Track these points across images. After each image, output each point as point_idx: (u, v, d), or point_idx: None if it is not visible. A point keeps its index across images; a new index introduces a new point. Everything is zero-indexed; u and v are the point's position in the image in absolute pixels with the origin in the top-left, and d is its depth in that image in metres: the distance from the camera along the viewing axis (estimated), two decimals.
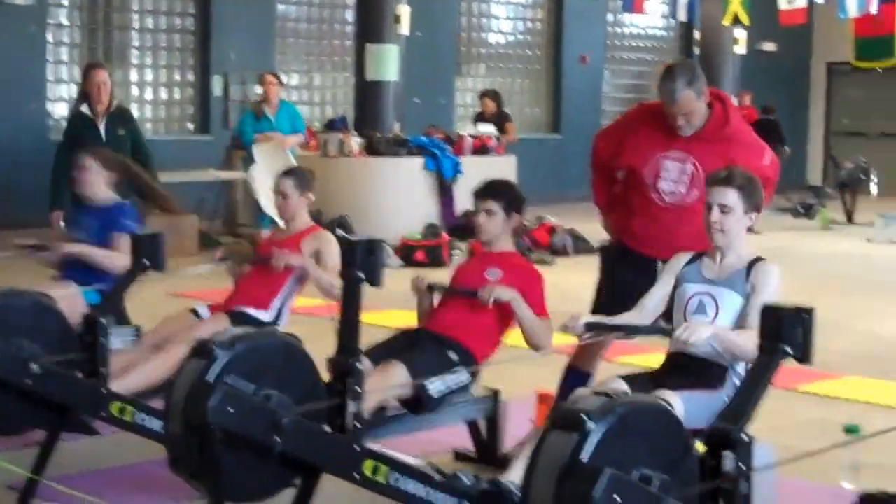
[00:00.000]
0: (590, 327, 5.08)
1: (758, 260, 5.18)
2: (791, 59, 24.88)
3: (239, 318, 6.29)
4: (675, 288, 5.28)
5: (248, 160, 13.49)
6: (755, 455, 5.02)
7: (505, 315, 5.87)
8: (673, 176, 6.00)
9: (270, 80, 13.47)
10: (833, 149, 24.45)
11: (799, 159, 24.64)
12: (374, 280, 4.88)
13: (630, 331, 5.28)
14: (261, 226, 13.36)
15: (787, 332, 3.81)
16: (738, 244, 5.18)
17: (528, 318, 5.76)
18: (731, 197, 5.09)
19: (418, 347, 5.77)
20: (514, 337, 6.03)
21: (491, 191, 6.12)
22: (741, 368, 5.00)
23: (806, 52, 25.55)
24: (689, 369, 5.05)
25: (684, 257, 5.35)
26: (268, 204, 13.00)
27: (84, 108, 9.67)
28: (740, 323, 5.02)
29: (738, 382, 4.96)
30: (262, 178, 12.82)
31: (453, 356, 5.75)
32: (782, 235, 17.19)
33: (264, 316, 6.47)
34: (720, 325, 4.99)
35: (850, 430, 6.82)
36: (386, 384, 5.50)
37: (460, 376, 5.67)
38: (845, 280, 13.26)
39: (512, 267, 6.03)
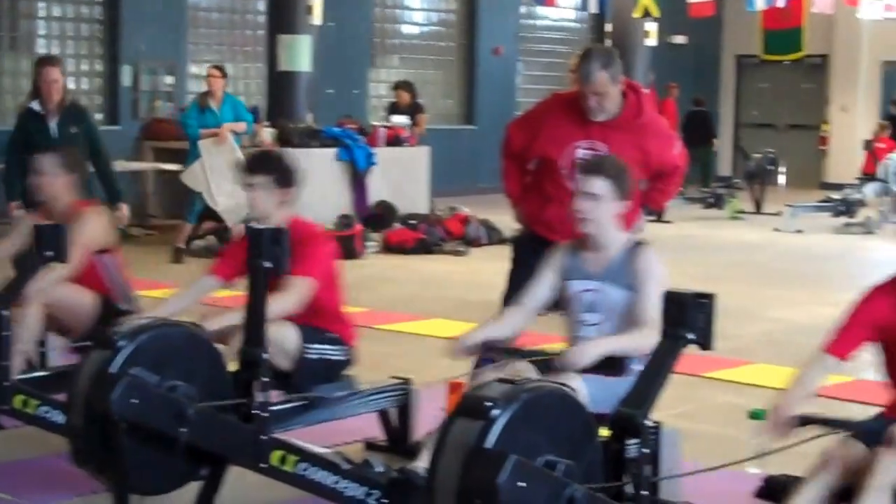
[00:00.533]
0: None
1: (635, 246, 5.10)
2: (701, 52, 25.09)
3: None
4: (562, 281, 5.18)
5: (193, 154, 13.19)
6: (662, 440, 5.11)
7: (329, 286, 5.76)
8: None
9: (213, 73, 13.21)
10: (742, 140, 24.70)
11: (711, 152, 24.89)
12: (280, 269, 4.86)
13: (515, 354, 4.95)
14: (192, 220, 13.21)
15: (689, 318, 3.84)
16: (611, 232, 5.08)
17: None
18: (599, 185, 5.00)
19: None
20: (428, 327, 6.04)
21: (259, 164, 5.82)
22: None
23: (715, 45, 25.77)
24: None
25: (561, 252, 5.25)
26: (214, 199, 12.91)
27: (34, 105, 9.26)
28: (628, 317, 4.97)
29: (638, 367, 4.99)
30: (209, 173, 12.83)
31: (331, 335, 5.74)
32: (692, 225, 17.38)
33: None
34: (607, 341, 4.88)
35: (756, 415, 6.90)
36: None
37: (339, 353, 5.71)
38: (754, 269, 13.42)
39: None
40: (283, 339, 5.45)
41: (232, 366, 5.04)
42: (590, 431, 3.94)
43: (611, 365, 4.82)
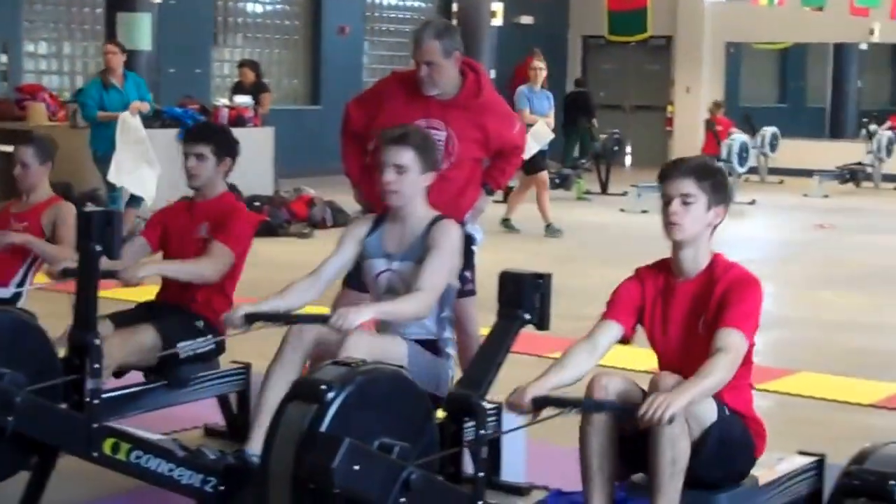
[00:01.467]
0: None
1: (437, 220, 5.00)
2: (548, 32, 25.24)
3: None
4: (362, 259, 5.10)
5: (96, 136, 12.57)
6: (504, 420, 5.10)
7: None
8: None
9: (111, 49, 12.72)
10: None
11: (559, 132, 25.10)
12: (111, 252, 4.74)
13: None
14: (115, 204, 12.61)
15: (525, 298, 3.82)
16: (416, 206, 5.00)
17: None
18: (407, 156, 4.92)
19: (163, 314, 5.62)
20: None
21: (200, 134, 5.93)
22: (449, 333, 4.99)
23: (562, 26, 25.97)
24: None
25: (364, 224, 5.16)
26: (116, 175, 12.28)
27: None
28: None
29: (452, 352, 4.96)
30: (117, 148, 12.23)
31: (199, 324, 5.63)
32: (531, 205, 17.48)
33: (3, 293, 6.23)
34: (377, 306, 4.82)
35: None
36: (132, 345, 5.34)
37: (206, 343, 5.57)
38: (600, 249, 13.54)
39: (220, 212, 5.82)
40: (142, 343, 5.41)
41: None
42: (426, 413, 3.89)
43: (429, 347, 4.80)
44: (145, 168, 12.43)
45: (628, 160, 21.89)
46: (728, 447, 4.14)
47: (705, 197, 4.27)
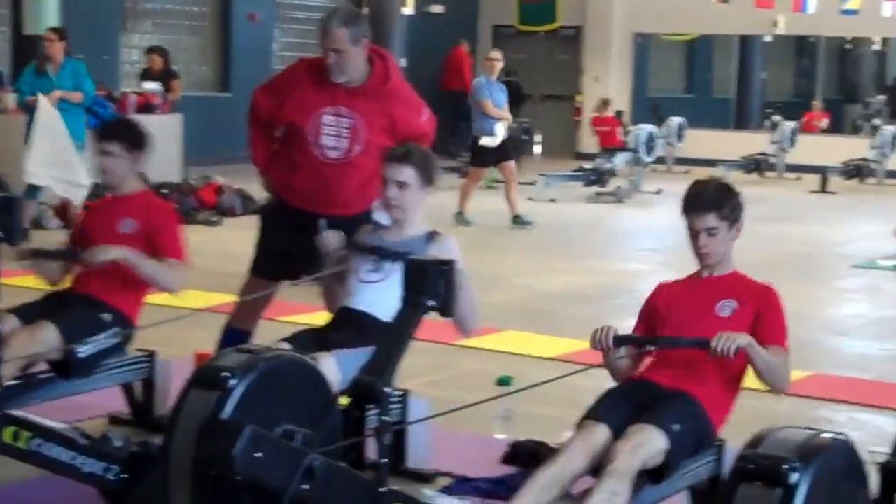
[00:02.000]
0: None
1: (435, 233, 5.30)
2: (458, 22, 25.28)
3: None
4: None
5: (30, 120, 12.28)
6: (411, 408, 5.13)
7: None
8: (335, 131, 5.96)
9: (49, 36, 12.45)
10: None
11: (470, 120, 25.12)
12: (13, 239, 4.70)
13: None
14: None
15: (429, 285, 3.84)
16: (415, 218, 5.29)
17: None
18: (408, 173, 5.18)
19: (69, 308, 5.57)
20: (178, 298, 5.91)
21: (112, 132, 5.93)
22: None
23: (472, 15, 26.00)
24: (351, 325, 5.05)
25: (366, 231, 5.42)
26: (36, 177, 11.98)
27: None
28: None
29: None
30: (33, 135, 11.93)
31: (106, 317, 5.58)
32: (447, 195, 17.46)
33: None
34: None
35: (502, 381, 7.00)
36: (33, 344, 5.30)
37: (110, 338, 5.51)
38: (506, 238, 13.60)
39: (145, 209, 5.82)
40: (43, 342, 5.35)
41: None
42: (329, 400, 3.90)
43: (373, 328, 4.82)
44: (71, 168, 12.06)
45: (537, 149, 21.92)
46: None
47: (727, 223, 4.69)
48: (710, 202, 4.65)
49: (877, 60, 30.27)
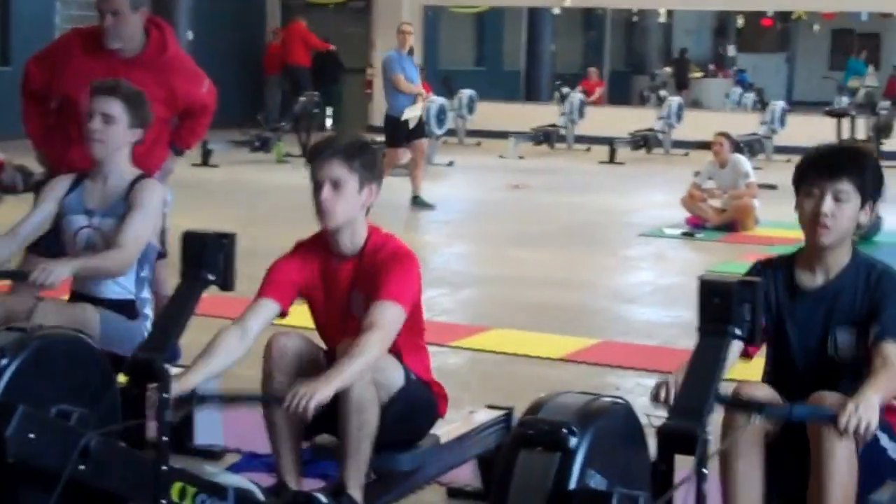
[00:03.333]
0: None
1: (141, 178, 5.02)
2: None
3: None
4: (60, 217, 5.05)
5: None
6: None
7: None
8: None
9: None
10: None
11: (257, 95, 24.86)
12: None
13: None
14: None
15: (208, 258, 3.76)
16: (119, 161, 5.00)
17: None
18: (116, 107, 4.91)
19: None
20: None
21: None
22: (147, 294, 4.92)
23: None
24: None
25: (65, 181, 5.12)
26: None
27: None
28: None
29: (149, 313, 4.88)
30: None
31: None
32: (240, 169, 17.32)
33: None
34: (77, 260, 4.77)
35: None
36: None
37: None
38: (298, 212, 13.48)
39: None
40: None
41: None
42: (107, 378, 3.80)
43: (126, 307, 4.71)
44: None
45: (329, 122, 21.86)
46: (414, 410, 4.19)
47: (357, 176, 4.15)
48: (340, 150, 4.17)
49: (662, 32, 31.00)
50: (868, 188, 3.80)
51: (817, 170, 3.81)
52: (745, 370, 3.98)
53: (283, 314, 4.27)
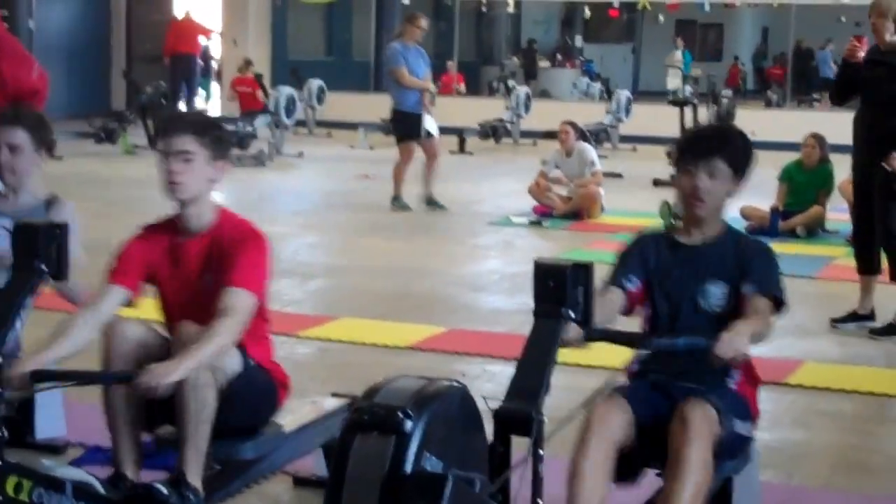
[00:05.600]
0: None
1: (55, 199, 5.10)
2: None
3: None
4: None
5: None
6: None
7: None
8: None
9: None
10: (133, 73, 24.33)
11: (102, 84, 24.49)
12: None
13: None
14: None
15: (41, 249, 3.71)
16: (30, 182, 5.08)
17: None
18: (20, 136, 4.96)
19: None
20: None
21: None
22: None
23: None
24: None
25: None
26: None
27: None
28: None
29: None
30: None
31: None
32: (85, 161, 17.03)
33: None
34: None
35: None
36: None
37: None
38: (145, 203, 13.33)
39: None
40: None
41: None
42: None
43: None
44: None
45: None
46: (252, 397, 4.17)
47: (205, 152, 4.17)
48: (189, 124, 4.22)
49: (511, 23, 31.25)
50: (738, 164, 4.10)
51: (693, 149, 4.12)
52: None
53: (130, 302, 4.24)
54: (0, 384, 3.52)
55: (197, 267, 4.23)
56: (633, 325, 4.20)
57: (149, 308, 4.46)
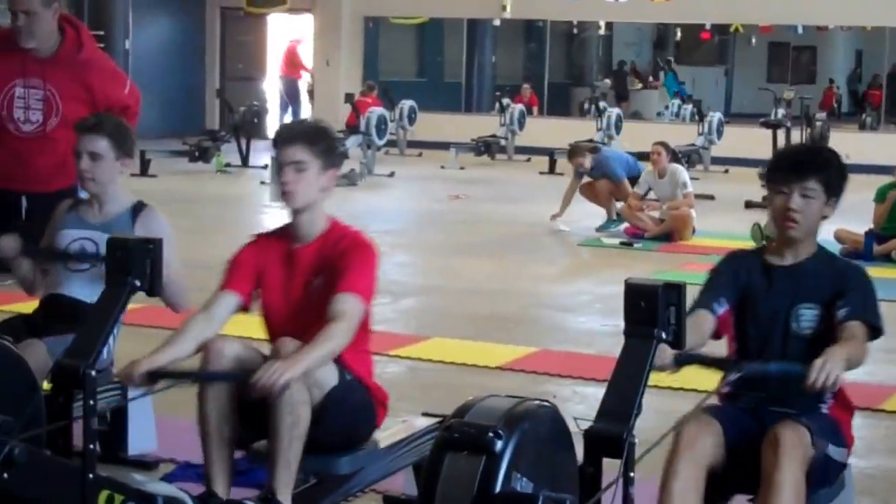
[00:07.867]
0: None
1: (141, 205, 5.08)
2: (185, 4, 24.87)
3: None
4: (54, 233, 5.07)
5: None
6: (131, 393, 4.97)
7: None
8: (28, 104, 5.77)
9: None
10: (227, 93, 24.61)
11: (196, 104, 24.77)
12: None
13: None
14: None
15: (135, 264, 3.73)
16: (114, 190, 5.05)
17: None
18: (101, 144, 4.94)
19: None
20: None
21: None
22: None
23: None
24: (62, 312, 4.88)
25: (63, 207, 5.14)
26: None
27: None
28: None
29: None
30: None
31: None
32: (178, 179, 17.22)
33: None
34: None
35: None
36: None
37: None
38: (239, 222, 13.47)
39: None
40: None
41: None
42: (31, 386, 3.76)
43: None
44: None
45: (269, 132, 21.85)
46: (349, 412, 4.16)
47: (318, 162, 4.24)
48: (301, 134, 4.31)
49: (602, 45, 31.12)
50: (832, 185, 4.05)
51: (786, 169, 4.06)
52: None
53: (244, 308, 4.30)
54: (92, 398, 3.55)
55: (308, 273, 4.26)
56: (722, 346, 4.15)
57: (248, 326, 4.48)
